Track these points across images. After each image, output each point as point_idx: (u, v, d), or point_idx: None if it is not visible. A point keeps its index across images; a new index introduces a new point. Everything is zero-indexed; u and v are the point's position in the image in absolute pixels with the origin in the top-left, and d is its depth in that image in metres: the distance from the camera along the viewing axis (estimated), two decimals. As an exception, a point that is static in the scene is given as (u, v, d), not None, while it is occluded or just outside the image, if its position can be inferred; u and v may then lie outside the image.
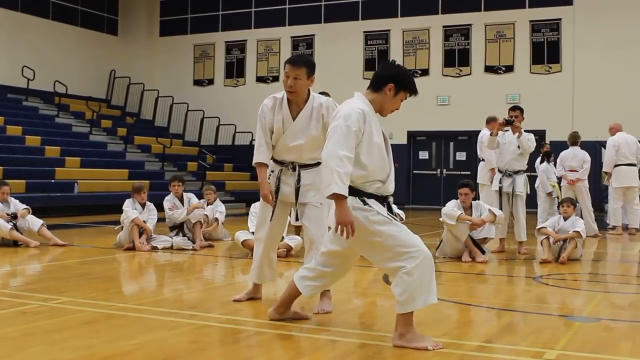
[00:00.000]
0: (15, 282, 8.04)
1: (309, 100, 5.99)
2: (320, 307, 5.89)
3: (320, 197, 5.73)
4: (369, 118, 4.83)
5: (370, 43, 24.23)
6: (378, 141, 4.87)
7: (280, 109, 6.02)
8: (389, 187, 4.96)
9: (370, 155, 4.82)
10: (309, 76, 5.88)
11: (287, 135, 5.99)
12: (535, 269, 9.10)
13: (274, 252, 6.37)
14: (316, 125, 5.94)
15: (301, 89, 5.89)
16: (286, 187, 6.07)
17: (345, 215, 4.67)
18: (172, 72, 26.96)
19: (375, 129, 4.87)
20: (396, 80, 5.04)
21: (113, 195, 17.39)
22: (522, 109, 10.66)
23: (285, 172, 6.08)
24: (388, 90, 4.99)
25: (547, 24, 22.12)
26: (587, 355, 4.66)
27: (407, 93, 5.11)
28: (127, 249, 10.28)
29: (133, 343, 4.82)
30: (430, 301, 4.82)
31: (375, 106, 4.98)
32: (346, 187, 4.64)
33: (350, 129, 4.71)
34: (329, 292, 5.98)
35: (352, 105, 4.85)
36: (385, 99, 5.00)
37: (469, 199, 9.66)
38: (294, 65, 5.86)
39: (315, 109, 5.96)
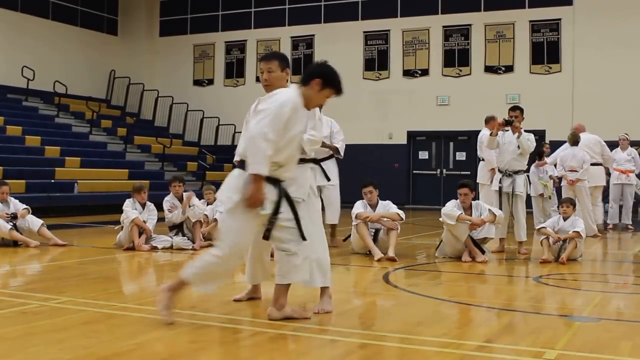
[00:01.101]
0: (15, 282, 8.04)
1: None
2: (320, 306, 5.89)
3: (302, 193, 5.71)
4: (300, 110, 5.29)
5: (370, 43, 24.23)
6: (293, 133, 5.25)
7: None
8: (283, 173, 5.33)
9: (281, 139, 5.18)
10: (282, 68, 5.93)
11: None
12: (535, 269, 9.09)
13: (266, 252, 6.28)
14: None
15: (276, 81, 5.86)
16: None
17: (260, 193, 5.13)
18: (172, 72, 26.95)
19: (300, 120, 5.31)
20: (323, 77, 5.37)
21: (113, 195, 17.39)
22: (522, 109, 10.66)
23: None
24: (315, 84, 5.34)
25: (547, 24, 22.12)
26: (587, 355, 4.65)
27: (333, 91, 5.41)
28: (127, 249, 10.27)
29: (133, 343, 4.82)
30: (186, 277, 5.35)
31: (303, 99, 5.35)
32: (267, 168, 5.10)
33: (284, 115, 5.16)
34: (329, 290, 5.98)
35: (290, 94, 5.31)
36: (312, 92, 5.36)
37: (468, 199, 9.65)
38: (266, 60, 5.99)
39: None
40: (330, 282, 6.01)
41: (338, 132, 10.56)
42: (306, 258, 5.46)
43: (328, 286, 5.97)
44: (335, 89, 5.39)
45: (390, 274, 8.28)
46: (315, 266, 5.86)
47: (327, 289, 5.97)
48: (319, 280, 5.90)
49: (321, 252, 5.91)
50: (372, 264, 9.19)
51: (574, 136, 14.36)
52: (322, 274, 5.90)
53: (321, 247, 5.93)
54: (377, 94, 23.33)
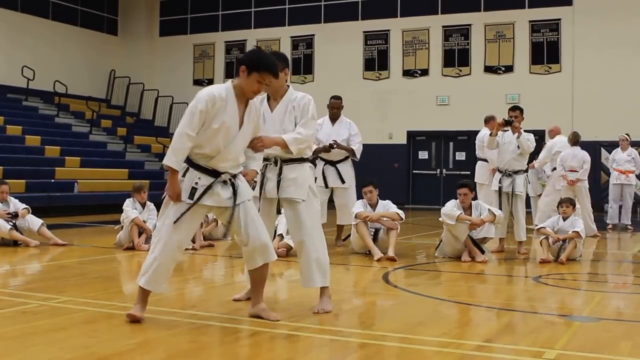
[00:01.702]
0: (15, 281, 8.04)
1: (285, 95, 6.17)
2: (320, 306, 5.89)
3: (301, 193, 5.92)
4: (220, 103, 5.34)
5: (369, 43, 24.22)
6: (216, 126, 5.32)
7: (262, 105, 6.10)
8: (219, 164, 5.40)
9: (202, 133, 5.31)
10: (281, 68, 5.97)
11: (267, 129, 6.03)
12: (535, 268, 9.10)
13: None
14: (290, 119, 6.06)
15: (275, 82, 5.91)
16: (269, 183, 6.10)
17: (173, 187, 5.33)
18: (172, 72, 26.95)
19: (222, 113, 5.34)
20: (246, 63, 5.45)
21: (113, 195, 17.39)
22: (521, 109, 10.66)
23: (269, 168, 6.12)
24: (241, 72, 5.43)
25: (547, 24, 22.12)
26: (586, 355, 4.66)
27: (262, 74, 5.41)
28: (127, 248, 10.28)
29: (132, 342, 4.83)
30: (143, 284, 5.43)
31: (238, 90, 5.45)
32: (179, 162, 5.28)
33: (197, 109, 5.27)
34: (328, 290, 5.98)
35: (208, 89, 5.43)
36: (241, 81, 5.44)
37: (468, 199, 9.66)
38: None
39: (290, 103, 6.11)
40: (329, 282, 6.03)
41: (356, 135, 10.98)
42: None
43: (327, 286, 5.99)
44: (262, 70, 5.40)
45: (390, 273, 8.29)
46: (315, 266, 5.89)
47: (326, 288, 5.99)
48: (319, 280, 5.93)
49: (321, 252, 5.94)
50: (372, 263, 9.19)
51: (575, 136, 14.35)
52: (321, 274, 5.93)
53: (320, 247, 5.95)
54: (377, 94, 23.32)
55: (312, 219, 5.95)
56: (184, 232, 5.48)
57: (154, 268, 5.38)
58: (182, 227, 5.42)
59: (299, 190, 5.95)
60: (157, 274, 5.41)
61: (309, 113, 6.04)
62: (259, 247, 5.48)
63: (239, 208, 5.43)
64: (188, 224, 5.47)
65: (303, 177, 5.99)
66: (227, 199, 5.42)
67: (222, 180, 5.42)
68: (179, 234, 5.41)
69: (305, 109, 6.05)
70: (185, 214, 5.35)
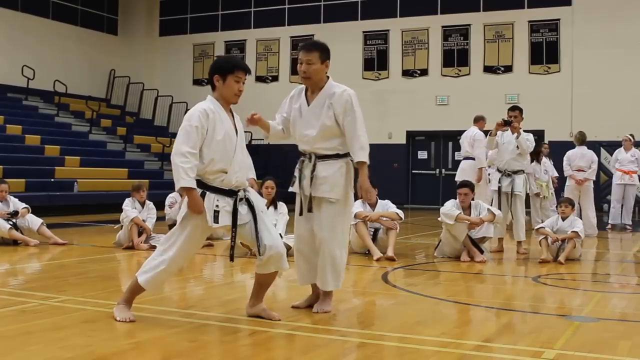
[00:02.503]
0: (14, 280, 8.04)
1: (324, 89, 5.83)
2: (320, 306, 5.87)
3: (335, 193, 5.74)
4: (212, 115, 5.32)
5: (369, 43, 24.23)
6: (220, 137, 5.31)
7: (299, 98, 5.92)
8: (232, 180, 5.35)
9: (209, 148, 5.27)
10: (322, 60, 5.76)
11: (302, 123, 5.85)
12: (534, 268, 9.10)
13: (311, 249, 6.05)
14: (328, 114, 5.75)
15: (315, 73, 5.75)
16: (305, 181, 5.88)
17: (196, 204, 5.24)
18: (172, 72, 26.96)
19: (219, 124, 5.33)
20: (216, 71, 5.46)
21: (112, 194, 17.40)
22: (521, 109, 10.66)
23: (305, 164, 5.92)
24: (216, 81, 5.45)
25: (546, 24, 22.14)
26: (585, 355, 4.66)
27: (236, 75, 5.42)
28: (127, 247, 10.29)
29: (132, 342, 4.83)
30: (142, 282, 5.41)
31: (221, 101, 5.46)
32: (193, 180, 5.19)
33: (192, 126, 5.22)
34: (332, 292, 5.95)
35: (196, 107, 5.38)
36: (221, 89, 5.44)
37: (468, 199, 9.67)
38: (306, 51, 5.78)
39: (328, 98, 5.78)
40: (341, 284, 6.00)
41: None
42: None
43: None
44: (235, 70, 5.41)
45: (389, 273, 8.30)
46: (329, 269, 5.80)
47: (330, 291, 5.92)
48: (331, 283, 5.84)
49: (337, 254, 5.83)
50: (371, 263, 9.20)
51: (582, 135, 14.35)
52: (334, 277, 5.83)
53: (338, 250, 5.84)
54: (377, 94, 23.32)
55: (336, 220, 5.78)
56: (197, 246, 5.70)
57: (159, 272, 5.40)
58: (196, 243, 5.57)
59: (331, 190, 5.75)
60: (159, 277, 5.45)
61: (355, 111, 5.73)
62: (274, 256, 5.50)
63: (258, 219, 5.43)
64: (202, 240, 5.68)
65: (336, 175, 5.78)
66: (245, 214, 5.42)
67: (239, 198, 5.40)
68: (192, 248, 5.58)
69: (348, 106, 5.72)
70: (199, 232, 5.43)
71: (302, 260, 6.07)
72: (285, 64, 25.55)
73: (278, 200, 10.27)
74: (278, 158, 22.68)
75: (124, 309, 5.47)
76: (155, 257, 5.45)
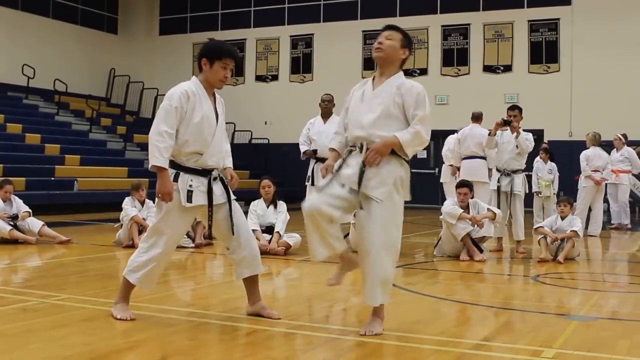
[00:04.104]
0: (15, 279, 8.06)
1: (394, 76, 5.22)
2: (368, 328, 5.12)
3: (383, 192, 5.08)
4: (193, 97, 5.34)
5: (369, 42, 24.19)
6: (197, 119, 5.30)
7: (363, 86, 5.34)
8: (207, 160, 5.36)
9: (185, 129, 5.27)
10: (402, 45, 5.21)
11: (362, 108, 5.23)
12: (533, 268, 9.12)
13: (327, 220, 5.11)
14: (395, 101, 5.12)
15: (390, 50, 5.18)
16: (348, 169, 5.15)
17: (164, 186, 5.20)
18: (172, 71, 26.93)
19: (199, 106, 5.34)
20: (205, 55, 5.51)
21: (112, 193, 17.41)
22: (520, 108, 10.67)
23: (353, 155, 5.23)
24: (203, 64, 5.50)
25: (546, 23, 22.14)
26: (584, 354, 4.67)
27: (223, 59, 5.45)
28: (127, 246, 10.30)
29: (132, 340, 4.84)
30: (134, 282, 5.42)
31: (205, 84, 5.50)
32: (166, 160, 5.17)
33: (172, 106, 5.23)
34: (382, 310, 5.22)
35: (178, 87, 5.40)
36: (205, 73, 5.51)
37: (467, 199, 9.68)
38: (390, 29, 5.27)
39: (398, 87, 5.15)
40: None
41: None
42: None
43: (382, 305, 5.21)
44: (223, 57, 5.44)
45: (389, 272, 8.29)
46: (377, 282, 5.08)
47: (381, 308, 5.21)
48: (380, 297, 5.13)
49: (387, 265, 5.11)
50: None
51: (597, 136, 14.37)
52: (384, 290, 5.14)
53: (388, 260, 5.11)
54: (376, 93, 23.26)
55: (387, 223, 5.08)
56: (179, 235, 5.60)
57: (150, 269, 5.40)
58: (179, 229, 5.49)
59: (380, 188, 5.08)
60: (151, 274, 5.44)
61: (425, 107, 5.16)
62: (248, 258, 5.50)
63: (233, 205, 5.46)
64: (184, 227, 5.57)
65: (389, 172, 5.16)
66: (220, 195, 5.45)
67: (213, 177, 5.43)
68: (175, 236, 5.48)
69: (420, 99, 5.11)
70: (181, 215, 5.39)
71: (315, 233, 5.10)
72: (285, 63, 25.56)
73: (278, 200, 10.28)
74: (278, 157, 22.73)
75: (123, 307, 5.48)
76: (141, 254, 5.43)
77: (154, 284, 5.60)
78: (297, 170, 5.21)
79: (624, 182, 15.29)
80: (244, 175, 23.52)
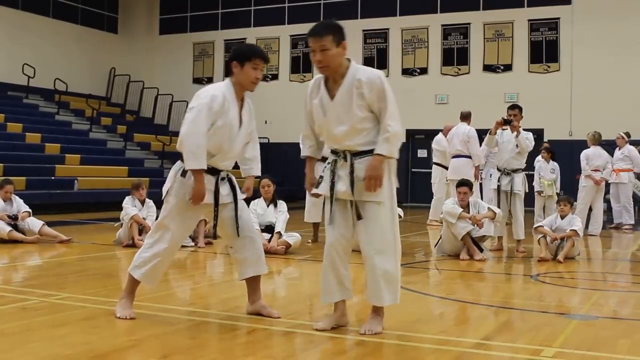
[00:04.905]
0: (15, 278, 8.06)
1: (347, 75, 5.04)
2: (368, 327, 5.12)
3: (380, 194, 4.99)
4: (225, 101, 5.31)
5: (369, 42, 24.24)
6: (221, 124, 5.28)
7: (318, 91, 5.13)
8: (219, 162, 5.40)
9: (212, 131, 5.25)
10: (337, 43, 5.05)
11: (329, 120, 5.06)
12: (533, 267, 9.12)
13: (343, 267, 5.21)
14: (359, 105, 4.96)
15: (332, 60, 5.00)
16: (341, 183, 5.06)
17: (198, 189, 5.24)
18: (172, 70, 26.97)
19: (226, 112, 5.31)
20: (236, 58, 5.46)
21: (113, 192, 17.42)
22: (520, 107, 10.67)
23: (339, 164, 5.11)
24: (234, 67, 5.44)
25: (546, 23, 22.14)
26: (584, 353, 4.67)
27: (254, 62, 5.41)
28: (127, 245, 10.30)
29: (132, 339, 4.85)
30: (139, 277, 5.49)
31: (237, 87, 5.45)
32: (204, 162, 5.19)
33: (207, 107, 5.21)
34: (382, 309, 5.20)
35: (214, 88, 5.39)
36: (237, 75, 5.44)
37: (467, 198, 9.69)
38: (316, 36, 5.04)
39: (356, 86, 4.97)
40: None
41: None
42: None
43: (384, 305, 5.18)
44: (253, 58, 5.41)
45: (389, 271, 8.29)
46: (383, 282, 5.04)
47: (381, 307, 5.20)
48: (387, 297, 5.09)
49: (392, 264, 5.08)
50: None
51: (598, 135, 14.36)
52: (391, 291, 5.10)
53: (393, 259, 5.08)
54: (377, 93, 23.25)
55: (386, 224, 5.04)
56: (185, 232, 5.63)
57: (154, 264, 5.44)
58: (184, 227, 5.51)
59: (378, 192, 4.99)
60: (155, 270, 5.49)
61: (387, 97, 4.95)
62: (252, 258, 5.53)
63: (239, 205, 5.47)
64: (189, 222, 5.58)
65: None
66: (226, 195, 5.48)
67: (221, 177, 5.45)
68: (182, 233, 5.52)
69: (381, 93, 4.93)
70: (189, 212, 5.42)
71: (330, 271, 5.19)
72: (286, 62, 25.56)
73: (278, 199, 10.28)
74: (278, 157, 22.71)
75: (126, 304, 5.49)
76: (146, 250, 5.49)
77: (158, 280, 5.64)
78: (297, 170, 5.19)
79: (623, 181, 15.28)
80: (244, 175, 23.50)
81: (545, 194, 14.63)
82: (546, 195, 14.63)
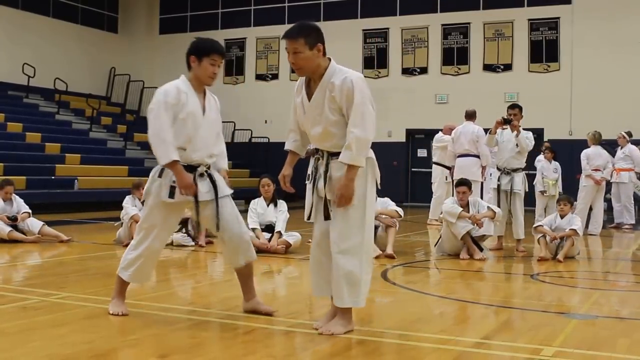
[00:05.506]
0: (15, 277, 8.07)
1: (323, 78, 5.00)
2: (326, 327, 5.08)
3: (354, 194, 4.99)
4: (183, 94, 5.36)
5: (369, 41, 24.24)
6: (184, 116, 5.34)
7: (301, 91, 5.19)
8: (191, 155, 5.39)
9: (174, 125, 5.30)
10: (311, 46, 4.94)
11: (307, 120, 5.13)
12: (533, 266, 9.12)
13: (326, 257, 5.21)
14: (331, 108, 4.97)
15: (305, 63, 4.97)
16: (320, 181, 5.12)
17: (181, 180, 5.29)
18: (172, 70, 26.61)
19: (186, 104, 5.36)
20: (193, 52, 5.47)
21: (113, 192, 17.42)
22: (520, 107, 10.67)
23: (320, 162, 5.16)
24: (192, 62, 5.46)
25: (546, 22, 22.14)
26: (584, 353, 4.68)
27: (211, 57, 5.43)
28: (127, 245, 10.21)
29: (132, 338, 4.85)
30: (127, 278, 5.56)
31: (195, 82, 5.48)
32: (176, 153, 5.23)
33: (168, 103, 5.28)
34: (350, 312, 5.12)
35: (167, 86, 5.43)
36: (196, 70, 5.46)
37: (466, 197, 9.69)
38: (289, 39, 4.99)
39: (329, 89, 4.96)
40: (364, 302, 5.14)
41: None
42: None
43: (351, 308, 5.11)
44: (211, 53, 5.43)
45: (389, 271, 8.31)
46: (344, 281, 4.98)
47: (349, 310, 5.11)
48: (348, 299, 5.01)
49: (356, 265, 5.00)
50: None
51: (598, 135, 14.35)
52: (352, 291, 5.00)
53: (356, 260, 5.00)
54: (376, 92, 22.92)
55: (353, 225, 4.98)
56: (167, 231, 5.68)
57: (139, 265, 5.53)
58: (165, 226, 5.57)
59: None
60: (141, 270, 5.58)
61: (354, 100, 4.88)
62: (241, 245, 5.53)
63: (220, 202, 5.48)
64: (171, 221, 5.63)
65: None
66: (206, 192, 5.45)
67: (199, 173, 5.44)
68: (162, 231, 5.56)
69: (350, 97, 4.88)
70: (167, 212, 5.48)
71: (316, 267, 5.27)
72: (286, 62, 25.42)
73: (278, 198, 10.28)
74: (278, 156, 22.67)
75: (118, 302, 5.57)
76: (130, 252, 5.57)
77: (148, 277, 5.75)
78: (297, 169, 5.17)
79: (624, 181, 15.28)
80: (244, 174, 23.55)
81: (549, 193, 14.64)
82: (549, 195, 14.64)
